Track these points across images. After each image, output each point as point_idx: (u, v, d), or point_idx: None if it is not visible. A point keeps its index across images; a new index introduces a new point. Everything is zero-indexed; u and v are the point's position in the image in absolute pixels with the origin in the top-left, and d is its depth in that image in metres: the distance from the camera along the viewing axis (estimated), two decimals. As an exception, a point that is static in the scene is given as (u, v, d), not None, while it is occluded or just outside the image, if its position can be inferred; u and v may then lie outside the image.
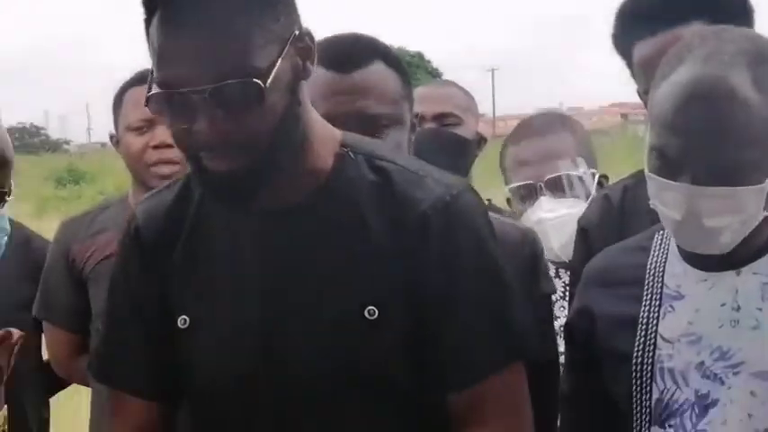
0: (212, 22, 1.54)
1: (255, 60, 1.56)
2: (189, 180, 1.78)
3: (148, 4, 1.60)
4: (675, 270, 1.78)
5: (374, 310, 1.65)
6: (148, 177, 2.82)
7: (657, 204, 1.68)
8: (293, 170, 1.67)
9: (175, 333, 1.75)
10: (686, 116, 1.61)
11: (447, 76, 47.19)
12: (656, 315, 1.76)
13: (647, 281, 1.79)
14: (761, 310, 1.69)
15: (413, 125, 2.08)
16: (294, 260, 1.69)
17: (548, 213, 2.69)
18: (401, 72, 2.06)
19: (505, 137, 2.94)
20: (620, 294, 1.81)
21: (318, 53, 1.68)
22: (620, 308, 1.80)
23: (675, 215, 1.65)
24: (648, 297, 1.78)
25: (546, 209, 2.69)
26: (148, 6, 1.60)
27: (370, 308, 1.65)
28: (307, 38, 1.65)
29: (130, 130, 2.86)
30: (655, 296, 1.78)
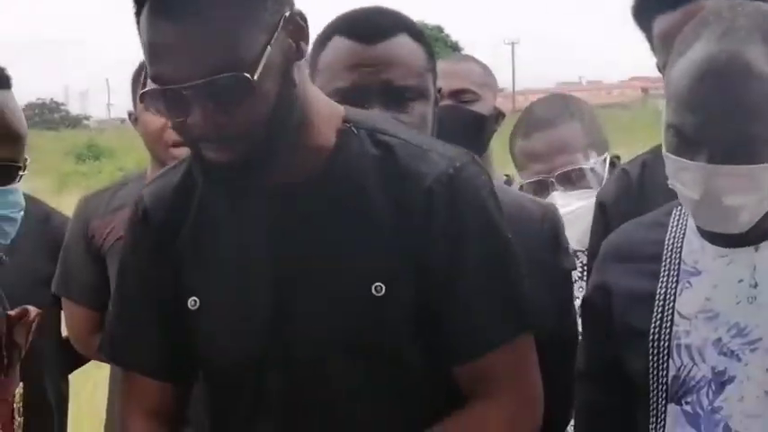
0: (199, 16, 1.54)
1: (243, 52, 1.56)
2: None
3: None
4: (693, 246, 1.77)
5: (381, 286, 1.65)
6: (167, 157, 2.82)
7: (676, 184, 1.68)
8: (294, 151, 1.66)
9: (186, 314, 1.75)
10: (702, 93, 1.61)
11: (466, 50, 47.10)
12: (673, 291, 1.76)
13: (664, 257, 1.79)
14: (779, 286, 1.68)
15: (436, 99, 2.06)
16: (300, 239, 1.69)
17: (561, 209, 2.68)
18: (425, 45, 2.04)
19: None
20: (637, 270, 1.81)
21: (342, 25, 1.67)
22: (637, 284, 1.79)
23: (694, 195, 1.65)
24: (666, 273, 1.78)
25: (559, 204, 2.68)
26: (137, 0, 1.60)
27: (377, 284, 1.65)
28: (298, 17, 1.63)
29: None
30: (672, 272, 1.77)
